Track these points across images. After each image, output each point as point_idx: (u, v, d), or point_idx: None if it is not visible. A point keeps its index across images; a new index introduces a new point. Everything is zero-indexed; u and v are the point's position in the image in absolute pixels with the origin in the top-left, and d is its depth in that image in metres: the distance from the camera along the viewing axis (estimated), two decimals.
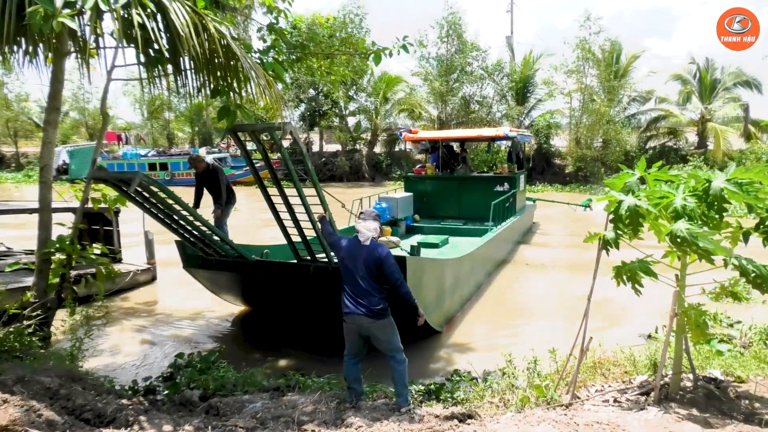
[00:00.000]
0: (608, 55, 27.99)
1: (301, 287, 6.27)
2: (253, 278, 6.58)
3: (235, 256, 6.24)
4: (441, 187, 12.67)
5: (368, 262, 4.16)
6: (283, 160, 4.99)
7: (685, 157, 27.01)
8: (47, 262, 5.12)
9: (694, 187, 3.07)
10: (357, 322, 4.16)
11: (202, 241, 6.06)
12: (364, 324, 4.15)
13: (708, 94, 29.08)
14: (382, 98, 33.14)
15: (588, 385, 4.05)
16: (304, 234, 5.74)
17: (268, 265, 6.34)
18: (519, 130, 14.40)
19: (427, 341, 6.56)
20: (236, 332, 7.39)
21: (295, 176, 5.09)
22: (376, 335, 4.20)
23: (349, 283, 4.23)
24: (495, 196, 11.41)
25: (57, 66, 4.95)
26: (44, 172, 5.19)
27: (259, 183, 5.55)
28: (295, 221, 5.59)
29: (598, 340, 4.41)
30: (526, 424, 3.07)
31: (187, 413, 4.10)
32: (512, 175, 12.32)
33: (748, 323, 5.91)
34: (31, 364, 4.23)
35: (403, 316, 4.46)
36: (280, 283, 6.34)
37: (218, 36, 4.40)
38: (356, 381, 4.32)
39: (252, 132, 5.19)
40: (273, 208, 5.69)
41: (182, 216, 5.43)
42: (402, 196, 11.61)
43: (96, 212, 7.66)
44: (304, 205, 5.20)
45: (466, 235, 10.71)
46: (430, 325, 6.17)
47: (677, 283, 3.38)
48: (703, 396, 3.45)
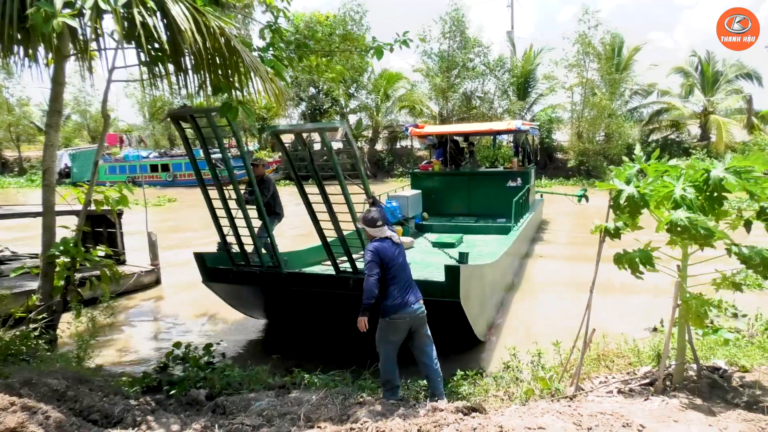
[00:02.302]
0: (609, 49, 27.89)
1: (338, 301, 5.70)
2: (282, 292, 6.15)
3: (266, 267, 5.99)
4: (450, 184, 12.13)
5: (403, 253, 4.46)
6: (331, 159, 5.11)
7: (688, 150, 26.92)
8: (52, 265, 5.15)
9: (694, 178, 3.08)
10: (413, 315, 4.28)
11: (241, 245, 5.97)
12: (420, 315, 4.31)
13: (710, 87, 28.97)
14: (382, 95, 33.12)
15: (592, 376, 4.06)
16: (343, 235, 5.62)
17: (303, 278, 5.97)
18: (530, 123, 13.82)
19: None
20: (242, 332, 7.40)
21: (340, 174, 5.16)
22: (421, 328, 4.36)
23: (401, 281, 4.32)
24: (508, 192, 11.01)
25: (58, 68, 4.97)
26: (47, 175, 5.22)
27: (297, 182, 5.57)
28: (335, 221, 5.50)
29: (602, 332, 4.42)
30: (531, 416, 3.08)
31: (194, 412, 4.13)
32: (525, 170, 11.97)
33: (757, 314, 5.91)
34: (38, 367, 4.27)
35: (441, 322, 4.55)
36: (314, 297, 5.91)
37: (219, 32, 4.41)
38: (398, 377, 4.39)
39: (298, 134, 5.36)
40: (310, 208, 5.74)
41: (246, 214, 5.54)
42: (412, 193, 11.17)
43: (99, 214, 7.69)
44: (347, 204, 5.22)
45: (481, 233, 10.32)
46: (475, 334, 5.87)
47: (679, 274, 3.39)
48: (707, 385, 3.46)
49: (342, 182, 5.20)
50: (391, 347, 4.34)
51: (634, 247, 3.47)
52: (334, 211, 5.52)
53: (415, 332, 4.37)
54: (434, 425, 3.20)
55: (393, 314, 4.25)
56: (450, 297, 5.24)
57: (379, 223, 4.38)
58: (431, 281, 5.50)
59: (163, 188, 28.49)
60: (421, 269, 7.00)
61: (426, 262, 7.71)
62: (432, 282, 5.47)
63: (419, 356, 4.41)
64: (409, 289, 4.33)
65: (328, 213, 5.52)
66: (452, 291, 5.23)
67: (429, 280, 5.52)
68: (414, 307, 4.29)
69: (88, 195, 5.31)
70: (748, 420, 2.90)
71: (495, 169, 14.30)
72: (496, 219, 10.78)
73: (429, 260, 7.86)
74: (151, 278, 9.71)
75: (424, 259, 7.97)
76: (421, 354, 4.38)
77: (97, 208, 5.48)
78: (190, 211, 20.48)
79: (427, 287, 5.29)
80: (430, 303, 5.21)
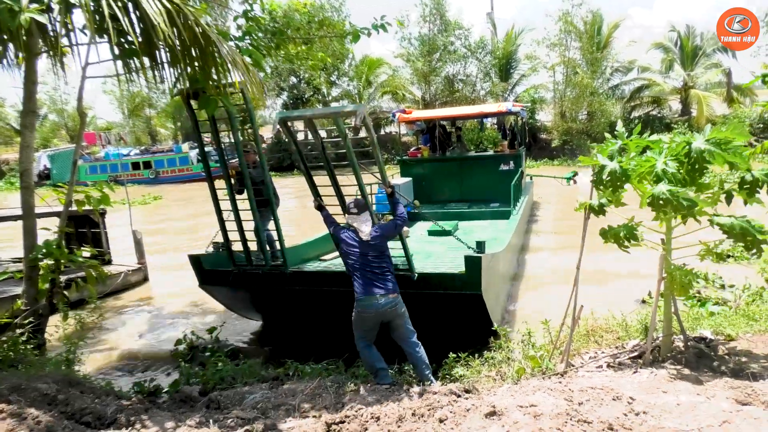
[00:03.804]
0: (590, 27, 27.93)
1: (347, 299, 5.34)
2: (286, 292, 5.87)
3: (270, 266, 5.72)
4: (441, 170, 11.86)
5: (376, 246, 4.38)
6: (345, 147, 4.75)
7: (670, 125, 27.18)
8: (35, 269, 5.06)
9: (675, 151, 3.10)
10: (380, 310, 4.23)
11: (245, 242, 5.68)
12: (389, 310, 4.25)
13: (690, 61, 29.21)
14: (364, 82, 32.90)
15: (582, 352, 4.11)
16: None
17: (309, 277, 5.70)
18: (521, 105, 13.54)
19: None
20: (235, 326, 7.38)
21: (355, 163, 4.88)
22: (398, 320, 4.32)
23: (362, 274, 4.30)
24: (500, 176, 10.90)
25: (29, 66, 4.84)
26: (25, 177, 5.11)
27: (305, 171, 5.20)
28: (344, 207, 5.06)
29: (590, 308, 4.47)
30: (522, 394, 3.11)
31: (188, 409, 4.11)
32: (518, 153, 11.77)
33: (745, 285, 6.01)
34: (27, 372, 4.21)
35: (460, 317, 4.42)
36: (321, 296, 5.67)
37: (194, 22, 4.31)
38: (380, 360, 4.38)
39: (309, 121, 4.95)
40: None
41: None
42: (402, 182, 10.93)
43: (82, 215, 7.57)
44: (363, 195, 4.95)
45: (475, 219, 10.07)
46: (492, 322, 5.38)
47: (663, 247, 3.43)
48: (694, 355, 3.52)
49: (357, 172, 4.90)
50: (363, 337, 4.39)
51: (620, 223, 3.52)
52: (346, 203, 5.05)
53: (391, 324, 4.36)
54: (428, 408, 3.22)
55: (358, 307, 4.32)
56: (471, 289, 4.97)
57: (353, 210, 4.45)
58: (447, 274, 5.26)
59: (146, 186, 28.11)
60: (423, 259, 6.80)
61: (426, 252, 7.50)
62: (447, 275, 5.23)
63: (401, 344, 4.44)
64: (374, 282, 4.27)
65: (341, 206, 5.17)
66: (473, 283, 4.96)
67: (445, 273, 5.32)
68: (381, 302, 4.23)
69: (68, 195, 5.21)
70: (734, 387, 2.96)
71: (486, 153, 14.04)
72: (488, 204, 10.57)
73: (428, 249, 7.67)
74: (139, 277, 9.63)
75: (423, 249, 7.68)
76: (402, 343, 4.42)
77: (78, 208, 5.38)
78: (177, 209, 20.32)
79: (443, 280, 5.14)
80: (447, 297, 5.08)
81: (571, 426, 2.62)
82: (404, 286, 5.06)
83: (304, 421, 3.35)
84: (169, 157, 30.97)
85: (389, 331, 4.44)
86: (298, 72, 31.10)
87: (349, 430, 3.10)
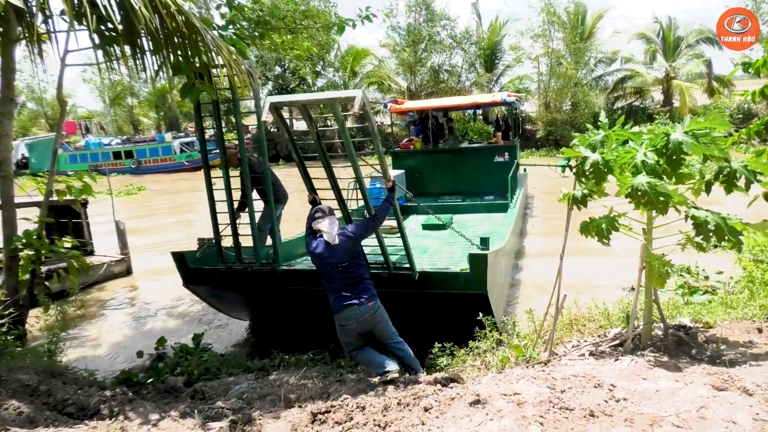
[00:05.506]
0: (573, 18, 28.05)
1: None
2: (277, 291, 5.65)
3: (260, 263, 5.44)
4: (434, 162, 11.56)
5: (346, 251, 4.21)
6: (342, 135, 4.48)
7: (652, 116, 27.50)
8: (15, 259, 4.99)
9: (654, 142, 3.14)
10: (359, 318, 4.13)
11: (236, 238, 5.36)
12: (368, 318, 4.16)
13: (672, 52, 29.54)
14: (350, 72, 32.69)
15: (565, 341, 4.17)
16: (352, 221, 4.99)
17: (301, 275, 5.44)
18: (516, 95, 13.38)
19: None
20: (217, 318, 7.35)
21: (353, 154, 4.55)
22: (379, 325, 4.24)
23: (334, 283, 4.19)
24: (495, 168, 10.72)
25: (6, 53, 4.72)
26: (3, 166, 5.01)
27: (299, 162, 4.92)
28: (344, 208, 4.94)
29: (573, 298, 4.54)
30: (506, 383, 3.16)
31: (173, 399, 4.09)
32: (512, 144, 11.55)
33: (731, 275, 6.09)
34: (8, 363, 4.15)
35: (462, 314, 4.34)
36: (313, 296, 5.33)
37: (176, 9, 4.23)
38: (379, 354, 4.27)
39: (303, 107, 4.61)
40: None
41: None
42: (395, 174, 10.34)
43: (63, 205, 7.45)
44: (361, 189, 4.69)
45: (470, 212, 9.87)
46: (497, 325, 5.17)
47: (644, 237, 3.48)
48: (674, 343, 3.59)
49: (355, 163, 4.61)
50: (352, 345, 4.32)
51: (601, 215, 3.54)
52: (343, 198, 4.95)
53: (373, 330, 4.27)
54: (413, 397, 3.25)
55: (338, 321, 4.22)
56: (475, 289, 4.80)
57: (318, 216, 4.28)
58: (450, 273, 5.12)
59: (128, 176, 27.71)
60: (419, 255, 6.60)
61: (422, 247, 7.27)
62: (451, 273, 5.08)
63: (386, 345, 4.34)
64: (350, 294, 4.14)
65: (337, 200, 4.93)
66: (478, 282, 4.78)
67: (448, 272, 5.16)
68: (359, 311, 4.12)
69: (48, 185, 5.13)
70: (711, 374, 3.03)
71: (481, 145, 13.76)
72: (483, 197, 10.39)
73: (423, 244, 7.47)
74: (122, 267, 9.53)
75: (418, 244, 7.43)
76: (386, 344, 4.34)
77: (59, 198, 5.30)
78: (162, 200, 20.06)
79: (446, 280, 4.97)
80: (450, 297, 4.93)
81: (554, 413, 2.66)
82: (405, 286, 5.02)
83: (289, 411, 3.36)
84: (152, 147, 30.55)
85: (374, 336, 4.35)
86: (283, 62, 30.78)
87: (334, 419, 3.12)
